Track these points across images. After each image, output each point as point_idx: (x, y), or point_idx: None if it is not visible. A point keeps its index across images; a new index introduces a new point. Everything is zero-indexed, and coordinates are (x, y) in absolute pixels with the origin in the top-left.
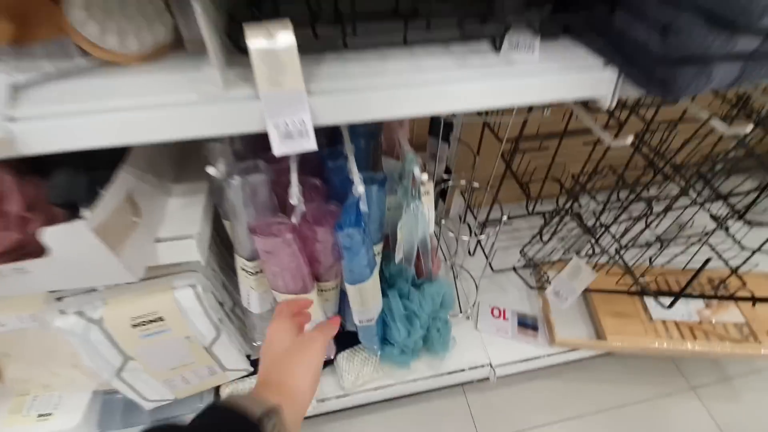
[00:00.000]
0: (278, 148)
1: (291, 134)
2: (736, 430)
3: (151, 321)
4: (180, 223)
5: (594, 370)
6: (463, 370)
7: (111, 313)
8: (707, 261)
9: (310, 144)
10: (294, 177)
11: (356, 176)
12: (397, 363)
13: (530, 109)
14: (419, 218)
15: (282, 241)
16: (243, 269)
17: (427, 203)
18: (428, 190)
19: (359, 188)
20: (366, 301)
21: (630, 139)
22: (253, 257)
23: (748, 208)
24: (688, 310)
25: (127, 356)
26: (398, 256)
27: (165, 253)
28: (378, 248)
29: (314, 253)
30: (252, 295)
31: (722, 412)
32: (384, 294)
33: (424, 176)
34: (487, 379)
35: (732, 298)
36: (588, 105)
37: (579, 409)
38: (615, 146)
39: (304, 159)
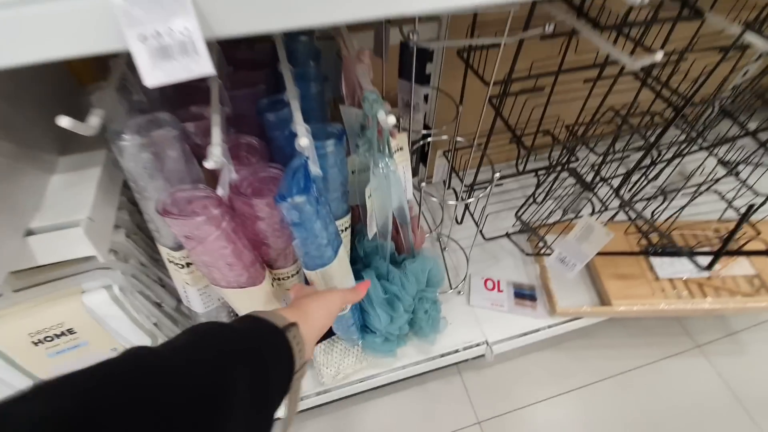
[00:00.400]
0: (150, 75)
1: (169, 52)
2: (743, 385)
3: (59, 335)
4: (63, 208)
5: (595, 337)
6: (456, 351)
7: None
8: (750, 209)
9: (201, 65)
10: (216, 132)
11: (300, 126)
12: (382, 352)
13: (526, 25)
14: (392, 180)
15: (205, 221)
16: (170, 261)
17: (401, 162)
18: (401, 144)
19: (302, 141)
20: (333, 287)
21: (659, 54)
22: (178, 246)
23: None
24: (695, 265)
25: (38, 379)
26: (371, 229)
27: (42, 249)
28: (344, 222)
29: (258, 234)
30: (189, 291)
31: (729, 368)
32: (358, 276)
33: (391, 119)
34: (484, 356)
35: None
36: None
37: (582, 378)
38: (634, 68)
39: (239, 115)
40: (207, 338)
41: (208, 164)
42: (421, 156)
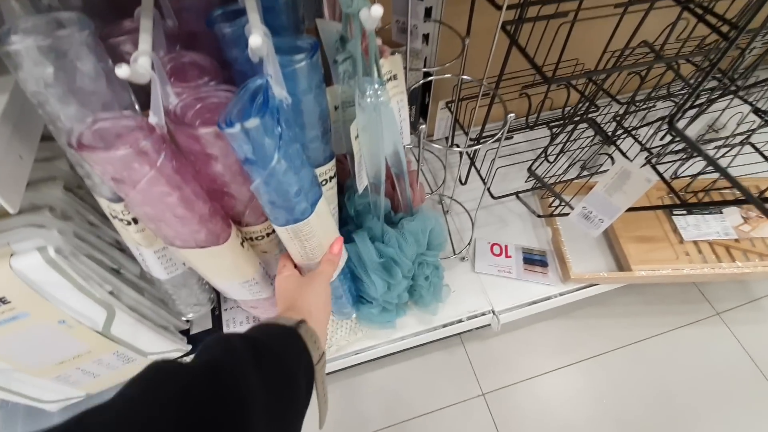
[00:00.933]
0: None
1: None
2: (761, 351)
3: None
4: None
5: (608, 305)
6: (460, 321)
7: None
8: None
9: None
10: (144, 38)
11: (255, 25)
12: (379, 323)
13: None
14: (383, 115)
15: (132, 155)
16: (113, 216)
17: (395, 95)
18: (394, 71)
19: (254, 40)
20: (311, 252)
21: None
22: (118, 196)
23: None
24: (723, 226)
25: None
26: (361, 181)
27: None
28: (326, 171)
29: (215, 179)
30: (145, 254)
31: (751, 336)
32: (349, 239)
33: (377, 10)
34: (489, 326)
35: None
36: None
37: (593, 348)
38: None
39: (192, 34)
40: (218, 349)
41: (121, 71)
42: (420, 109)
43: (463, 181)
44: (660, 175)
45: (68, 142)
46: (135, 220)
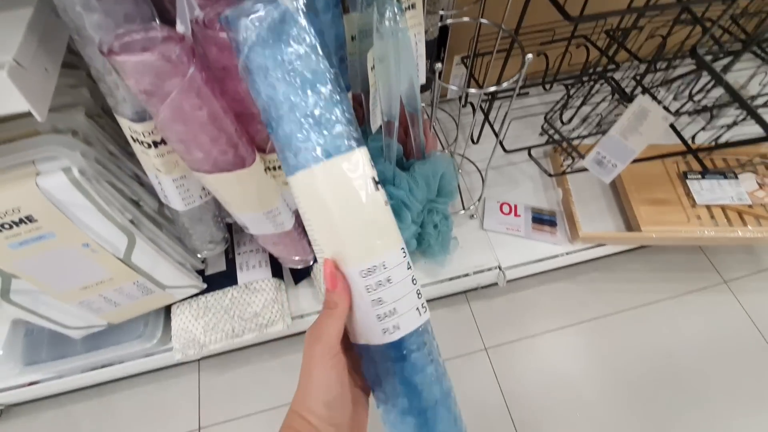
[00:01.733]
0: None
1: None
2: (767, 320)
3: (17, 222)
4: None
5: (613, 270)
6: (467, 275)
7: None
8: None
9: None
10: None
11: None
12: None
13: None
14: (401, 44)
15: (163, 61)
16: (134, 140)
17: (413, 26)
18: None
19: None
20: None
21: None
22: (140, 114)
23: None
24: (737, 192)
25: (4, 273)
26: (375, 119)
27: None
28: None
29: (241, 98)
30: (164, 183)
31: (757, 305)
32: None
33: None
34: (495, 284)
35: None
36: None
37: (597, 310)
38: None
39: None
40: None
41: None
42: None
43: (475, 139)
44: (678, 133)
45: (99, 49)
46: (155, 143)
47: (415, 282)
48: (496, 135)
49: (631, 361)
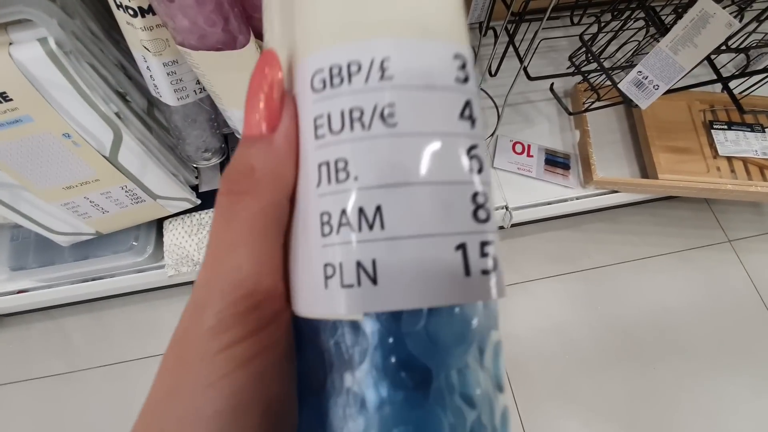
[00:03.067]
0: None
1: None
2: (767, 282)
3: None
4: None
5: (619, 222)
6: None
7: None
8: None
9: None
10: None
11: None
12: None
13: None
14: None
15: None
16: (118, 5)
17: None
18: None
19: None
20: None
21: None
22: None
23: None
24: (763, 146)
25: None
26: None
27: None
28: None
29: None
30: (154, 68)
31: (759, 267)
32: None
33: None
34: (501, 227)
35: None
36: None
37: (597, 260)
38: None
39: None
40: None
41: None
42: None
43: (494, 72)
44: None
45: None
46: (142, 10)
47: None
48: (521, 60)
49: (626, 310)
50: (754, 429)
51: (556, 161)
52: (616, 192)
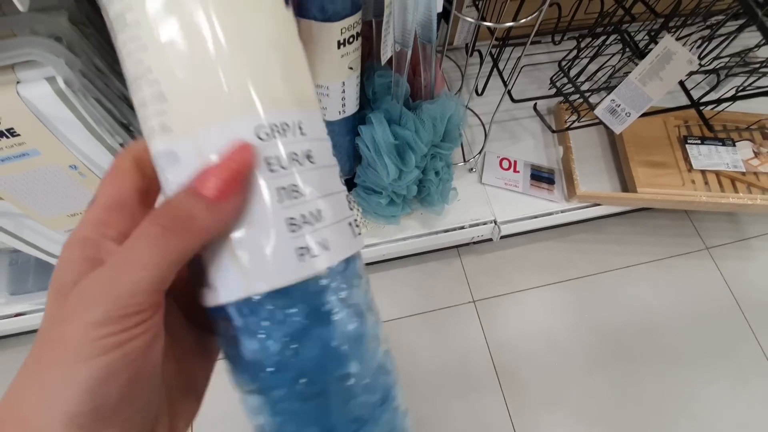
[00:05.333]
0: None
1: None
2: (746, 290)
3: None
4: None
5: (602, 231)
6: (462, 227)
7: None
8: None
9: None
10: None
11: None
12: (385, 217)
13: None
14: None
15: None
16: None
17: None
18: None
19: None
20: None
21: None
22: None
23: None
24: (733, 159)
25: None
26: (386, 48)
27: None
28: (350, 26)
29: None
30: None
31: (735, 273)
32: (364, 119)
33: None
34: (487, 240)
35: None
36: None
37: (583, 269)
38: None
39: None
40: None
41: None
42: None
43: (480, 91)
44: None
45: None
46: None
47: (342, 181)
48: (505, 84)
49: (611, 318)
50: (734, 428)
51: (541, 176)
52: (599, 204)
